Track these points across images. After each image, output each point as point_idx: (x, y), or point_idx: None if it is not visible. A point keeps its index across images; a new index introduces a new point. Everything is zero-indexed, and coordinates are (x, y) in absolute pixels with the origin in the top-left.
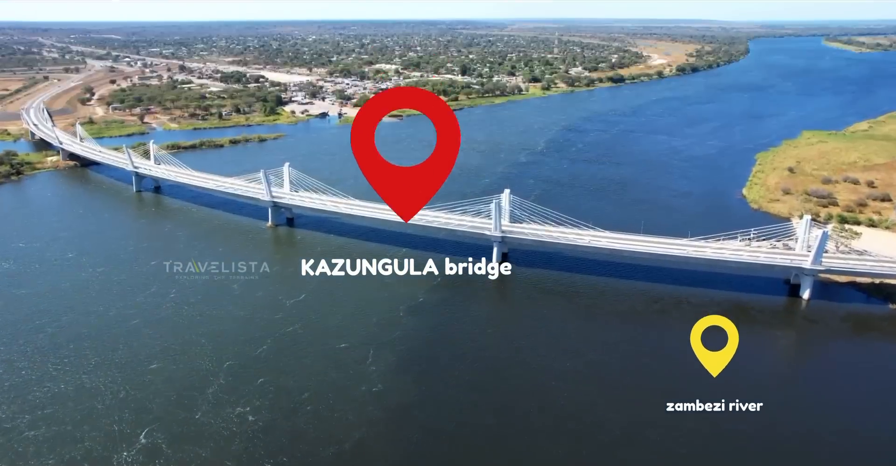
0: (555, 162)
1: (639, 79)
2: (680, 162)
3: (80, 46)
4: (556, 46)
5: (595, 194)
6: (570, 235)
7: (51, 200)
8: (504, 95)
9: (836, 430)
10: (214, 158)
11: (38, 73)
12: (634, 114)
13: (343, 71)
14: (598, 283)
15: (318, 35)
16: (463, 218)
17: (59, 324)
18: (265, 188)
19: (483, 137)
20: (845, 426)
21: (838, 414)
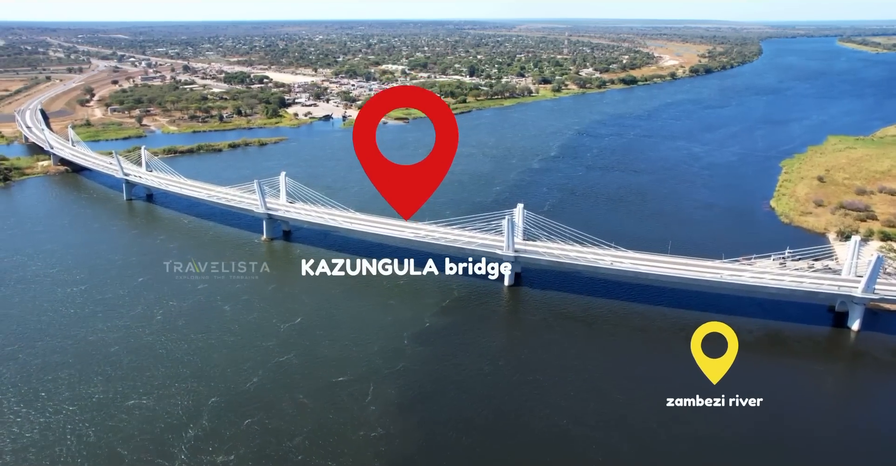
0: (569, 169)
1: (651, 80)
2: (700, 170)
3: (86, 46)
4: (566, 47)
5: (613, 205)
6: (590, 255)
7: (37, 208)
8: (513, 96)
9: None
10: (212, 163)
11: (41, 73)
12: (649, 117)
13: (349, 72)
14: (620, 308)
15: (325, 35)
16: (473, 235)
17: (32, 350)
18: (259, 200)
19: (493, 141)
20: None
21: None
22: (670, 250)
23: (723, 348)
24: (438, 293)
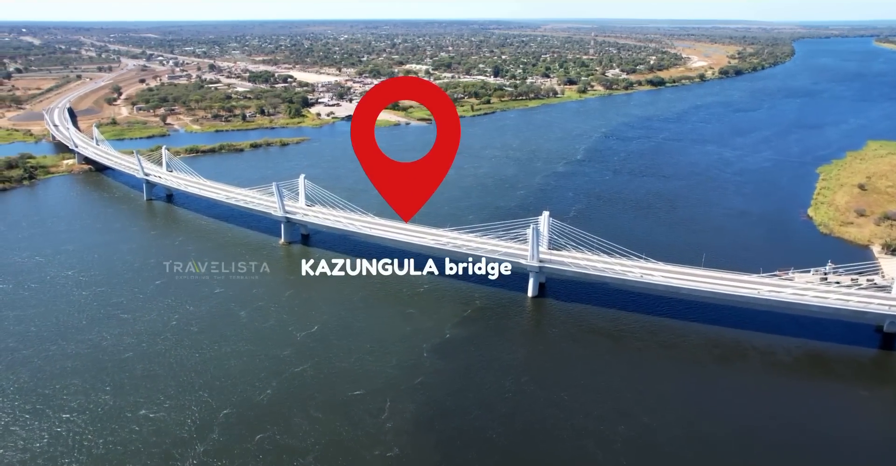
0: (596, 173)
1: (679, 82)
2: (732, 176)
3: (117, 45)
4: (592, 47)
5: (641, 212)
6: (618, 267)
7: (60, 207)
8: (538, 97)
9: None
10: (233, 163)
11: (72, 71)
12: (678, 120)
13: (373, 71)
14: (649, 322)
15: (350, 34)
16: (496, 244)
17: (47, 355)
18: (278, 203)
19: (518, 143)
20: None
21: None
22: (704, 262)
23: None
24: (460, 302)
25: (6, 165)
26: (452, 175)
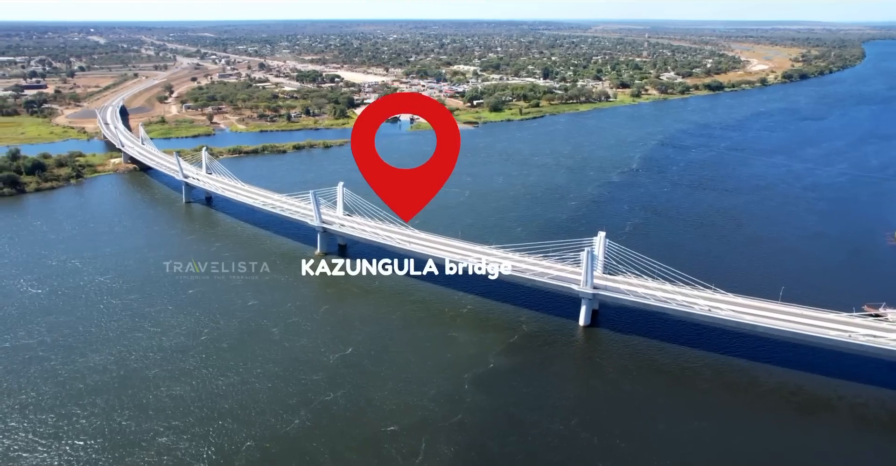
0: (652, 184)
1: (739, 86)
2: (803, 191)
3: (175, 44)
4: (645, 49)
5: (703, 230)
6: (681, 297)
7: (102, 208)
8: (590, 101)
9: None
10: (275, 164)
11: (130, 70)
12: (740, 128)
13: (420, 72)
14: (716, 360)
15: (399, 34)
16: (547, 265)
17: (73, 367)
18: (314, 212)
19: (569, 150)
20: None
21: None
22: (782, 296)
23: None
24: (505, 326)
25: (56, 163)
26: (500, 183)
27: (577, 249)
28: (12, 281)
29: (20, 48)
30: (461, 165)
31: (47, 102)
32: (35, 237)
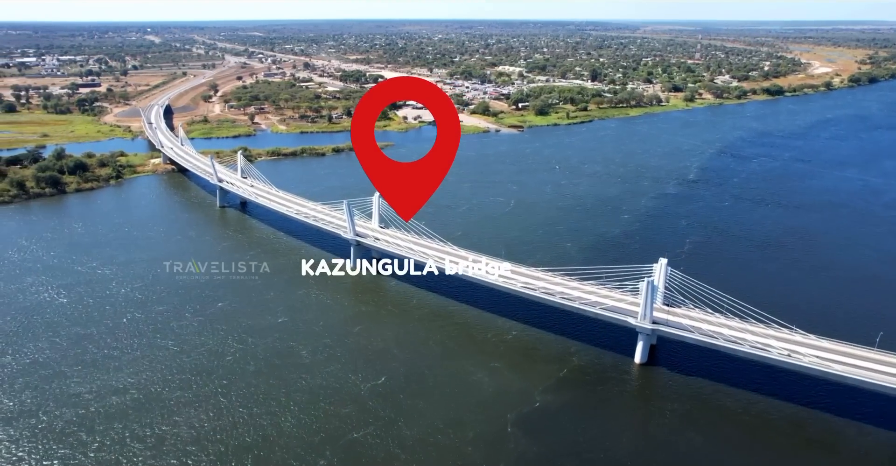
0: (712, 198)
1: (801, 91)
2: (883, 210)
3: (224, 43)
4: (698, 51)
5: (771, 252)
6: (751, 335)
7: (138, 211)
8: (640, 105)
9: None
10: (313, 168)
11: (180, 68)
12: (805, 137)
13: (464, 73)
14: (795, 411)
15: (445, 34)
16: (601, 294)
17: (92, 387)
18: (348, 224)
19: (620, 158)
20: None
21: None
22: (879, 342)
23: None
24: (553, 357)
25: (98, 163)
26: (549, 193)
27: (634, 276)
28: (42, 288)
29: (82, 48)
30: (507, 173)
31: (98, 100)
32: (70, 240)
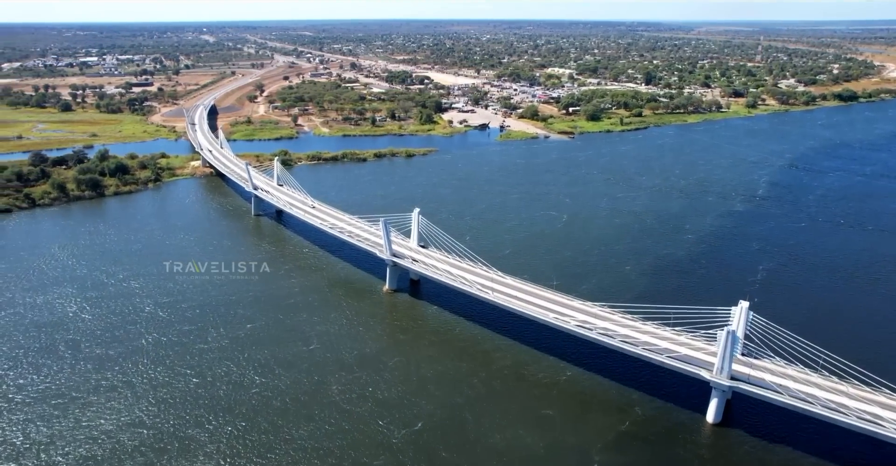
0: (785, 217)
1: (877, 96)
2: None
3: (275, 42)
4: (758, 53)
5: (860, 284)
6: (850, 400)
7: (174, 218)
8: (698, 111)
9: None
10: (354, 174)
11: (229, 68)
12: (887, 148)
13: (512, 74)
14: None
15: (493, 34)
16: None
17: (108, 419)
18: (384, 243)
19: (680, 170)
20: None
21: None
22: None
23: None
24: (614, 407)
25: (139, 165)
26: (603, 207)
27: (708, 317)
28: (67, 302)
29: (141, 47)
30: (558, 184)
31: (148, 99)
32: (102, 248)
